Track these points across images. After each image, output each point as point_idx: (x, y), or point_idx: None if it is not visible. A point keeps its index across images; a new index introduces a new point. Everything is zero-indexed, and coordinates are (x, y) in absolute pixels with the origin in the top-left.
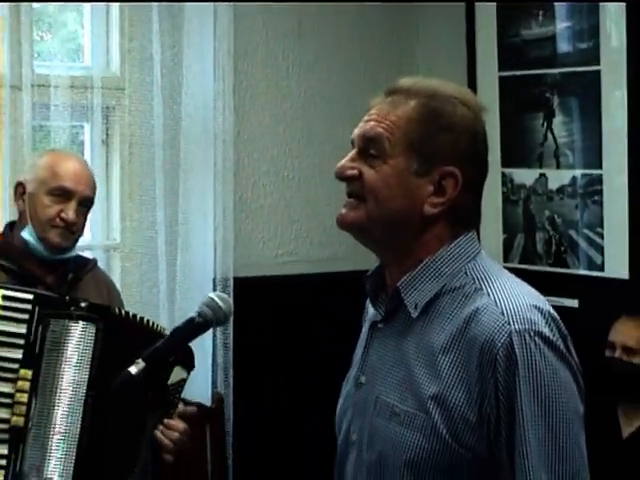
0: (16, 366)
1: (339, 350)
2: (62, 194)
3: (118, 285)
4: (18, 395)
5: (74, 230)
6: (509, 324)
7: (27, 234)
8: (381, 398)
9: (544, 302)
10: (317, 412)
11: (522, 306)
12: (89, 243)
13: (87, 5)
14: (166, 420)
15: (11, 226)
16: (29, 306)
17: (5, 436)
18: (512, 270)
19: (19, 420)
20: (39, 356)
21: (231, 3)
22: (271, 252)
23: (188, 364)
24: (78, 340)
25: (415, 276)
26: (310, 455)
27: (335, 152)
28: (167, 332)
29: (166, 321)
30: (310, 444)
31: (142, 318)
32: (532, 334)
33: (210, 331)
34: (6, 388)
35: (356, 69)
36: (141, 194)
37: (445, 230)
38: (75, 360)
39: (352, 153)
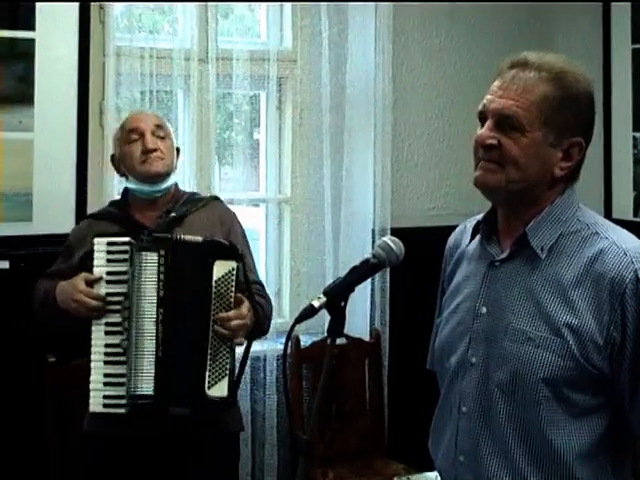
0: (122, 299)
1: None
2: (134, 135)
3: (288, 234)
4: (125, 323)
5: (161, 156)
6: (632, 263)
7: (130, 184)
8: (512, 325)
9: None
10: None
11: (638, 247)
12: (263, 197)
13: None
14: (219, 315)
15: (120, 197)
16: (127, 247)
17: (122, 358)
18: None
19: (124, 343)
20: (131, 287)
21: None
22: (424, 206)
23: (231, 256)
24: (145, 268)
25: (539, 222)
26: None
27: None
28: (222, 241)
29: (331, 265)
30: None
31: (201, 238)
32: None
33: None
34: (117, 318)
35: (501, 43)
36: (310, 153)
37: (563, 185)
38: (147, 286)
39: (490, 124)
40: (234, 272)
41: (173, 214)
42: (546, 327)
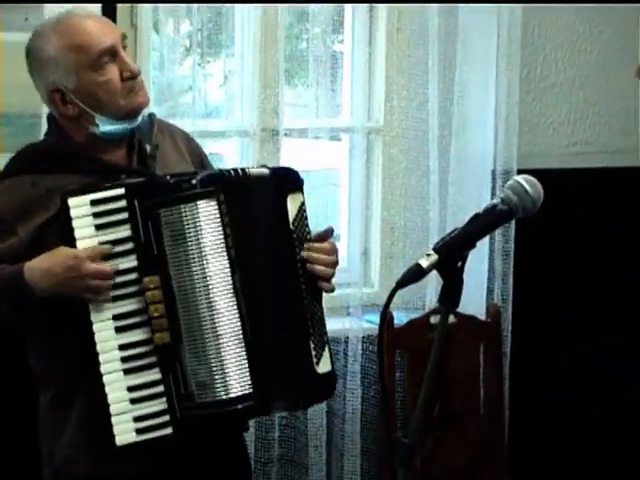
0: (134, 276)
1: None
2: (107, 57)
3: (379, 175)
4: (152, 308)
5: (141, 83)
6: None
7: (104, 126)
8: None
9: None
10: (611, 329)
11: None
12: (347, 125)
13: None
14: (305, 250)
15: (52, 136)
16: (124, 203)
17: (152, 359)
18: None
19: (163, 336)
20: (161, 256)
21: None
22: (562, 140)
23: (298, 186)
24: (201, 223)
25: None
26: (611, 384)
27: None
28: (288, 167)
29: (436, 217)
30: (605, 370)
31: (267, 170)
32: None
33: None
34: (133, 305)
35: None
36: (410, 68)
37: None
38: (207, 247)
39: None
40: (305, 206)
41: (148, 147)
42: None
